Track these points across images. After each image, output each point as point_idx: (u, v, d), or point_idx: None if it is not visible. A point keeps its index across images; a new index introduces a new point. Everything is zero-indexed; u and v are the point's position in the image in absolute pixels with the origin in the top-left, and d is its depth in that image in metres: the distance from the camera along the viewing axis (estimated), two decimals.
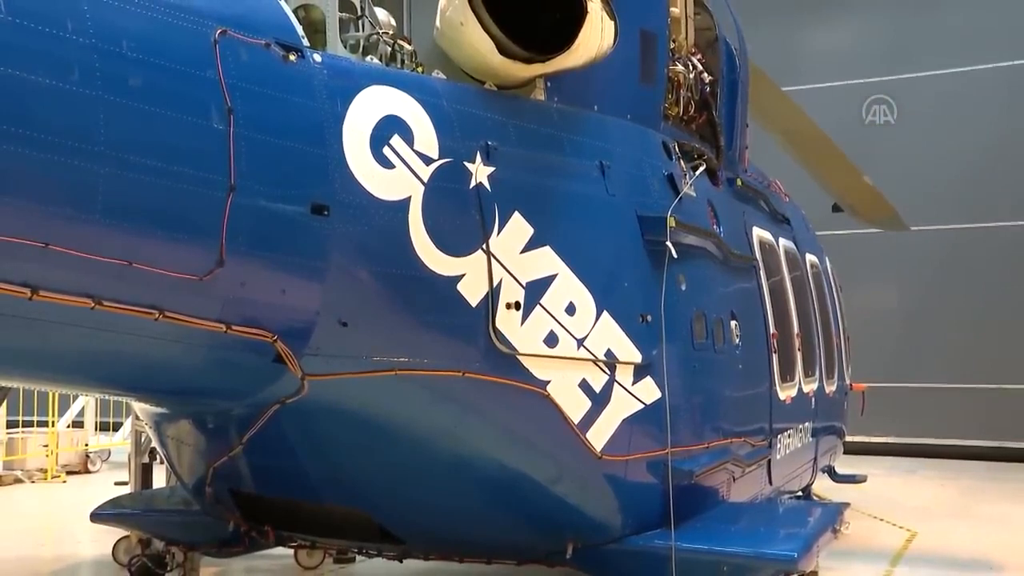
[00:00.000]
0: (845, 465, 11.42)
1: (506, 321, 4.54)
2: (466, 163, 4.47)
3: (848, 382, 10.71)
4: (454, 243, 4.35)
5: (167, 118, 3.47)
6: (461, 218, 4.41)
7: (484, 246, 4.46)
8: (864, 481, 10.98)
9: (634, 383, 5.19)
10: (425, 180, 4.27)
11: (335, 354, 4.08)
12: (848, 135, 13.51)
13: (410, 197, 4.21)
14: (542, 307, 4.72)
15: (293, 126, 3.89)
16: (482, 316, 4.46)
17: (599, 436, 5.00)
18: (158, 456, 7.70)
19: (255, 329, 3.84)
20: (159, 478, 8.27)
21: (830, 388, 9.47)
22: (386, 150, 4.15)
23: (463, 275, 4.38)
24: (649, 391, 5.26)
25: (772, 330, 7.38)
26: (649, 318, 5.29)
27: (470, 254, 4.42)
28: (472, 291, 4.42)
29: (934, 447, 16.04)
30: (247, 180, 3.68)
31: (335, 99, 4.04)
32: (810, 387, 8.54)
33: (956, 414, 16.07)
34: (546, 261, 4.77)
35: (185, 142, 3.53)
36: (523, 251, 4.66)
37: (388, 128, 4.18)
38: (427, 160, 4.31)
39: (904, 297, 16.97)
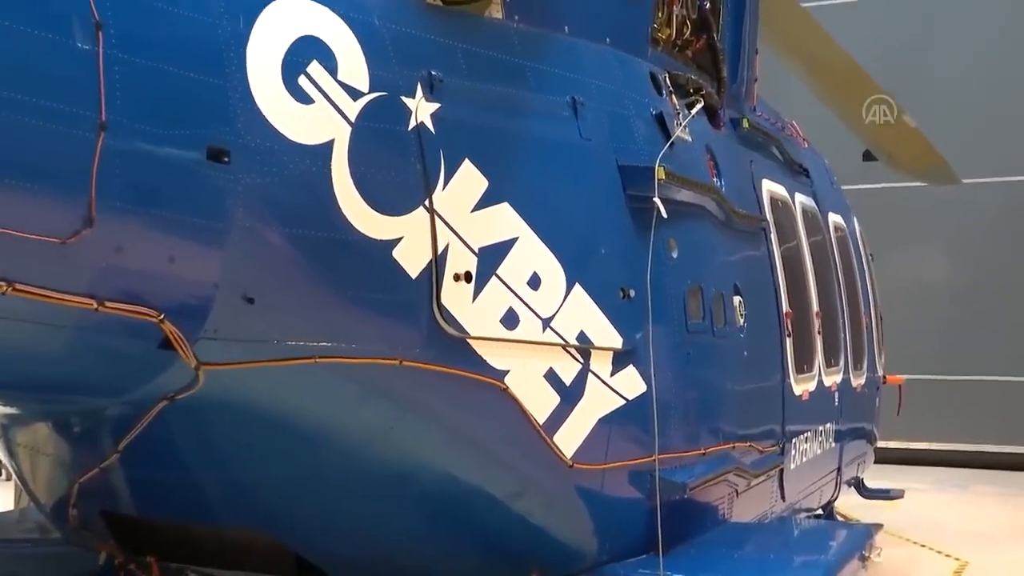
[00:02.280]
0: (877, 477, 11.78)
1: (454, 296, 4.64)
2: (404, 98, 4.53)
3: (881, 373, 11.03)
4: (389, 199, 4.42)
5: (13, 34, 3.38)
6: (397, 167, 4.48)
7: (426, 203, 4.54)
8: (901, 497, 11.33)
9: (613, 374, 5.35)
10: (352, 119, 4.31)
11: (239, 337, 4.13)
12: (881, 62, 13.80)
13: (333, 140, 4.26)
14: (499, 279, 4.83)
15: (182, 48, 3.87)
16: (424, 290, 4.55)
17: (569, 440, 5.16)
18: (3, 471, 7.61)
19: (135, 306, 3.84)
20: (5, 498, 8.22)
21: (858, 381, 9.75)
22: (302, 80, 4.16)
23: (400, 239, 4.46)
24: (632, 384, 5.43)
25: (786, 308, 7.60)
26: (632, 293, 5.45)
27: (409, 213, 4.49)
28: (411, 259, 4.50)
29: (992, 456, 16.44)
30: (122, 116, 3.65)
31: (236, 15, 4.03)
32: (833, 379, 8.81)
33: (1020, 415, 16.50)
34: (504, 222, 4.87)
35: (40, 66, 3.45)
36: (475, 209, 4.76)
37: (305, 52, 4.19)
38: (354, 94, 4.35)
39: (954, 267, 17.37)
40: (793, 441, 7.82)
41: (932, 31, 17.13)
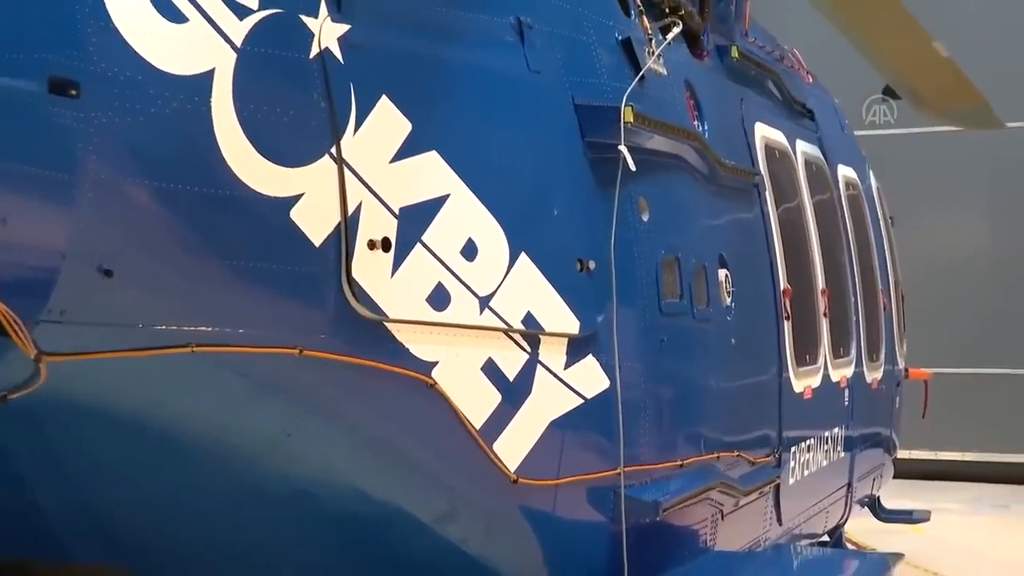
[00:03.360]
0: (897, 495, 12.01)
1: (368, 269, 4.67)
2: (303, 17, 4.53)
3: (903, 366, 11.26)
4: (285, 145, 4.42)
5: None
6: (296, 106, 4.48)
7: (333, 150, 4.56)
8: (926, 520, 11.56)
9: (568, 366, 5.42)
10: (237, 43, 4.30)
11: (93, 320, 4.09)
12: None
13: (213, 71, 4.24)
14: (424, 247, 4.87)
15: None
16: (329, 261, 4.56)
17: (513, 449, 5.22)
18: None
19: None
20: None
21: (874, 375, 9.95)
22: None
23: (299, 196, 4.46)
24: (591, 379, 5.51)
25: (783, 285, 7.74)
26: (592, 265, 5.51)
27: (311, 163, 4.50)
28: (314, 221, 4.51)
29: None
30: None
31: None
32: (842, 373, 8.99)
33: None
34: (431, 175, 4.91)
35: None
36: (395, 159, 4.78)
37: None
38: (240, 11, 4.34)
39: (994, 234, 17.66)
40: (792, 450, 7.95)
41: None
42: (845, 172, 9.88)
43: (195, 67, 4.22)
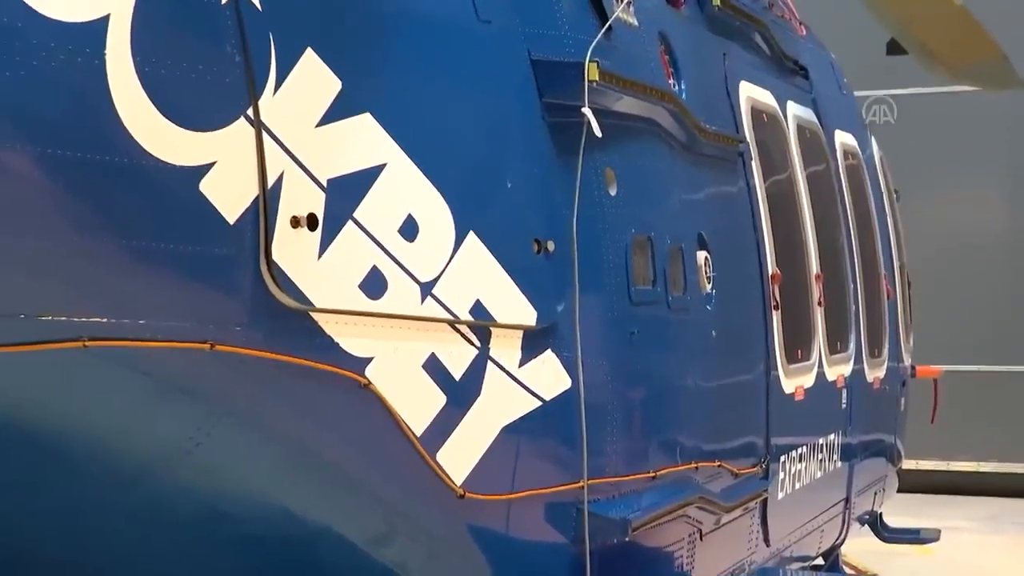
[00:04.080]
0: (902, 511, 12.11)
1: (291, 250, 4.67)
2: None
3: (909, 363, 11.36)
4: (193, 106, 4.41)
5: None
6: (206, 59, 4.47)
7: (249, 112, 4.55)
8: (935, 540, 11.64)
9: (523, 363, 5.45)
10: None
11: None
12: None
13: (108, 17, 4.21)
14: (357, 225, 4.88)
15: None
16: (246, 241, 4.56)
17: (460, 459, 5.24)
18: None
19: None
20: None
21: (876, 373, 10.04)
22: None
23: (211, 165, 4.46)
24: (550, 377, 5.54)
25: (772, 269, 7.80)
26: (551, 246, 5.54)
27: (224, 127, 4.50)
28: (228, 195, 4.51)
29: None
30: None
31: None
32: (839, 371, 9.06)
33: None
34: (364, 142, 4.92)
35: None
36: (323, 122, 4.79)
37: None
38: None
39: (1014, 211, 17.76)
40: (782, 459, 8.02)
41: None
42: (843, 139, 9.94)
43: (86, 13, 4.19)
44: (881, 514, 11.38)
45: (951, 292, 16.63)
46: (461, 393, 5.24)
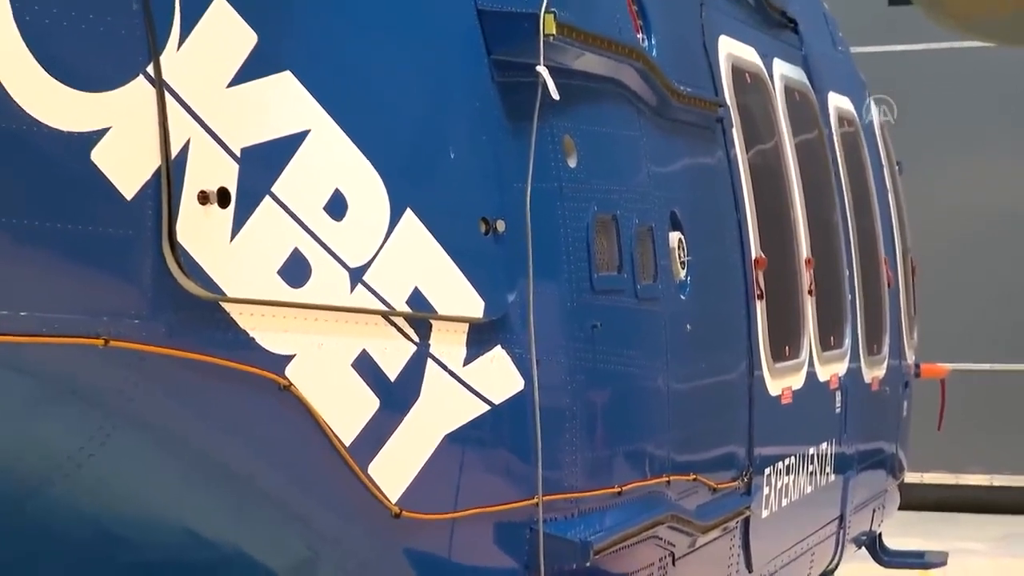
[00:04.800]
0: (905, 531, 12.19)
1: (199, 230, 4.66)
2: None
3: (913, 361, 11.43)
4: (83, 62, 4.41)
5: None
6: (98, 7, 4.45)
7: (150, 69, 4.55)
8: (943, 564, 11.73)
9: (469, 361, 5.47)
10: None
11: None
12: None
13: None
14: (276, 201, 4.88)
15: None
16: (146, 219, 4.56)
17: (395, 472, 5.25)
18: None
19: None
20: None
21: (874, 372, 10.10)
22: None
23: (104, 131, 4.45)
24: (500, 378, 5.56)
25: (755, 253, 7.84)
26: (500, 226, 5.55)
27: (120, 87, 4.49)
28: (124, 166, 4.50)
29: None
30: None
31: None
32: (833, 370, 9.12)
33: None
34: (285, 104, 4.92)
35: None
36: (235, 82, 4.79)
37: None
38: None
39: None
40: (766, 472, 8.07)
41: None
42: (838, 102, 9.99)
43: None
44: (880, 535, 11.46)
45: (961, 280, 16.74)
46: (397, 396, 5.25)
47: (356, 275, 5.10)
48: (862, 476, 10.05)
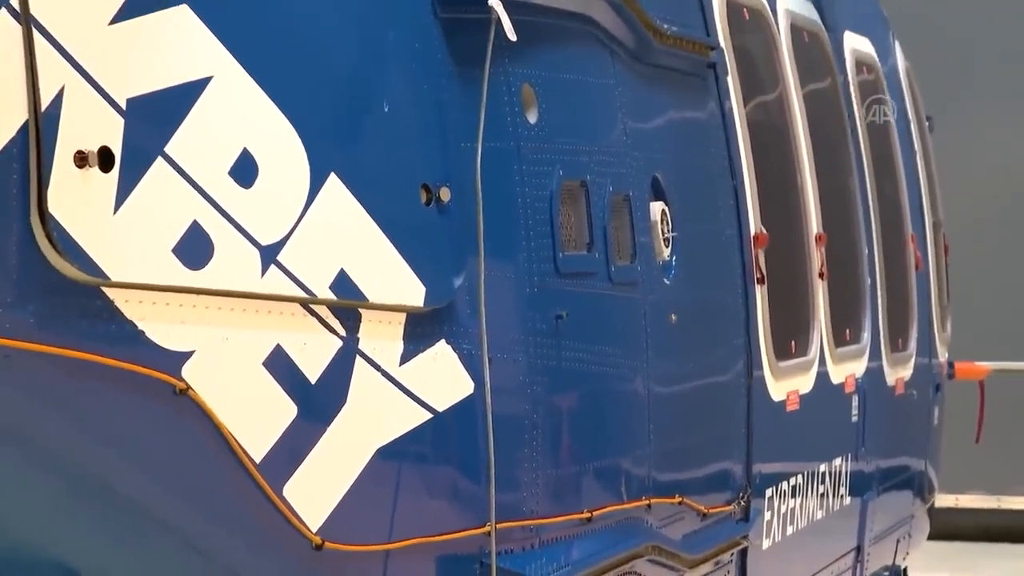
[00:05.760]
0: (935, 564, 12.23)
1: (76, 199, 4.68)
2: None
3: (945, 359, 11.46)
4: None
5: None
6: None
7: (14, 1, 4.56)
8: None
9: (406, 359, 5.48)
10: None
11: None
12: None
13: None
14: (170, 164, 4.89)
15: None
16: (10, 185, 4.59)
17: (316, 495, 5.27)
18: None
19: None
20: None
21: (899, 373, 10.15)
22: None
23: None
24: (444, 380, 5.57)
25: (754, 228, 7.88)
26: (445, 195, 5.56)
27: None
28: None
29: None
30: None
31: None
32: (849, 370, 9.17)
33: None
34: (181, 46, 4.93)
35: None
36: (120, 17, 4.78)
37: None
38: None
39: None
40: (768, 494, 8.11)
41: None
42: (856, 44, 10.01)
43: None
44: (906, 569, 11.50)
45: (1004, 260, 16.79)
46: (318, 402, 5.26)
47: (269, 254, 5.10)
48: (884, 498, 10.08)
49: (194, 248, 4.94)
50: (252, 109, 5.09)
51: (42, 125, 4.58)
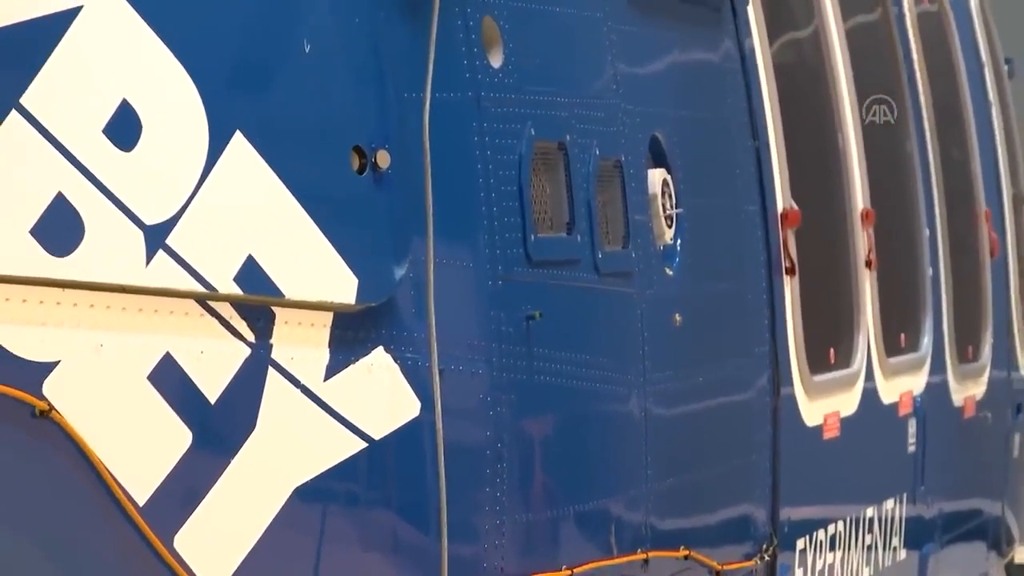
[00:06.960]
0: None
1: None
2: None
3: None
4: None
5: None
6: None
7: None
8: None
9: (333, 372, 5.49)
10: None
11: None
12: None
13: None
14: (27, 119, 4.93)
15: None
16: None
17: (215, 548, 5.29)
18: None
19: None
20: None
21: (968, 390, 10.24)
22: None
23: None
24: (383, 398, 5.58)
25: (783, 203, 7.92)
26: (383, 161, 5.56)
27: None
28: None
29: None
30: None
31: None
32: (904, 386, 9.24)
33: None
34: None
35: None
36: None
37: None
38: None
39: None
40: (799, 546, 8.15)
41: None
42: None
43: None
44: None
45: None
46: (219, 427, 5.30)
47: (155, 236, 5.13)
48: (949, 551, 10.13)
49: (58, 228, 4.98)
50: (134, 49, 5.12)
51: None
